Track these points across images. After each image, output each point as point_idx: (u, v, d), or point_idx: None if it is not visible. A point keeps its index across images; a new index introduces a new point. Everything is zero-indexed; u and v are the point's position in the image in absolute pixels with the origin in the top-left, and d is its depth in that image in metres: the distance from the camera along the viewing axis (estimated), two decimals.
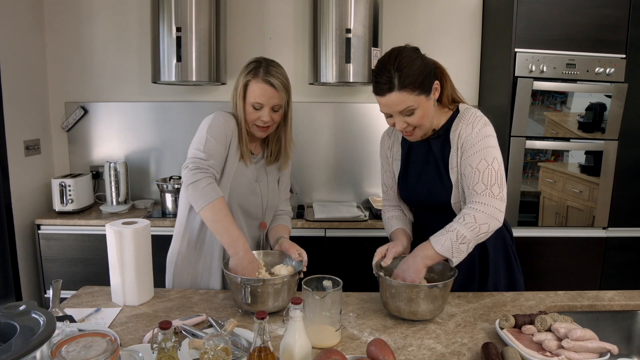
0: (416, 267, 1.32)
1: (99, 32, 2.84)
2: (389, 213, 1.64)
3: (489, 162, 1.37)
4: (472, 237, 1.33)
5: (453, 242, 1.31)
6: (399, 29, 2.86)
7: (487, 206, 1.34)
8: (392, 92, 1.34)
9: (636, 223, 2.59)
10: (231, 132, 1.53)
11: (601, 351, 1.11)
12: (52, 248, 2.51)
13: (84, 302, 1.44)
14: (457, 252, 1.32)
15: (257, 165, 1.64)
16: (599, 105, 2.47)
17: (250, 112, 1.52)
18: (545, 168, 2.51)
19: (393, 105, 1.36)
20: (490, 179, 1.36)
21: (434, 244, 1.32)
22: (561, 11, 2.39)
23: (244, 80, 1.51)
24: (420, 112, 1.38)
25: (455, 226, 1.33)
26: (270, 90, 1.49)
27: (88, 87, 2.88)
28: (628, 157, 2.52)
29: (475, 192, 1.36)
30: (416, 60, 1.36)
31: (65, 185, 2.58)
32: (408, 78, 1.33)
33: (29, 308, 0.87)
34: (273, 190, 1.68)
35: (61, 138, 2.90)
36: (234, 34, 2.84)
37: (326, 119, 2.93)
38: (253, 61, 1.54)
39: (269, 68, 1.51)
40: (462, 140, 1.42)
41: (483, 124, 1.41)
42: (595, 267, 2.60)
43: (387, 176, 1.65)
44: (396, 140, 1.61)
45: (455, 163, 1.45)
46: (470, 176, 1.39)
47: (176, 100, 2.89)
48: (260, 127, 1.54)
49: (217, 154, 1.49)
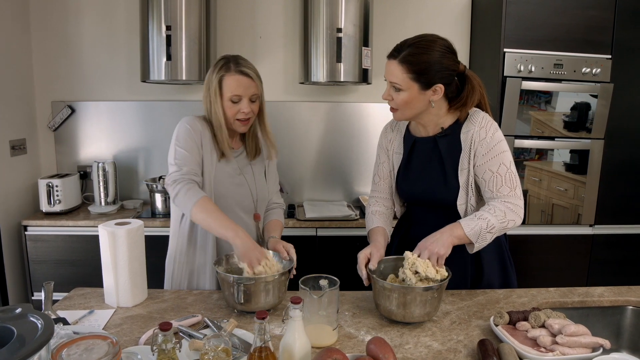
0: (444, 241, 1.33)
1: (86, 29, 2.79)
2: (374, 207, 1.64)
3: (507, 166, 1.44)
4: (499, 229, 1.39)
5: (482, 229, 1.35)
6: (389, 28, 2.87)
7: (516, 205, 1.42)
8: (393, 60, 1.40)
9: (622, 220, 2.64)
10: (199, 133, 1.54)
11: (594, 346, 1.13)
12: (39, 249, 2.47)
13: (76, 304, 1.42)
14: (482, 239, 1.37)
15: (239, 159, 1.64)
16: (584, 105, 2.51)
17: (229, 107, 1.52)
18: (530, 167, 2.55)
19: (389, 72, 1.42)
20: (512, 182, 1.44)
21: (465, 226, 1.35)
22: (549, 12, 2.42)
23: (218, 77, 1.52)
24: (406, 97, 1.41)
25: (486, 215, 1.37)
26: (246, 80, 1.51)
27: (75, 85, 2.84)
28: (614, 156, 2.57)
29: (501, 193, 1.43)
30: (435, 53, 1.38)
31: (52, 185, 2.54)
32: (412, 57, 1.38)
33: (25, 311, 0.85)
34: (260, 181, 1.68)
35: (48, 138, 2.85)
36: (224, 33, 2.82)
37: (317, 118, 2.93)
38: (220, 59, 1.55)
39: (239, 60, 1.53)
40: (476, 144, 1.45)
41: (495, 129, 1.46)
42: (582, 264, 2.65)
43: (383, 168, 1.64)
44: (399, 134, 1.62)
45: (466, 165, 1.47)
46: (492, 180, 1.44)
47: (165, 100, 2.86)
48: (242, 120, 1.54)
49: (190, 160, 1.51)
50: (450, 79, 1.43)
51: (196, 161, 1.53)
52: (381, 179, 1.65)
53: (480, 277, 1.57)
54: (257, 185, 1.65)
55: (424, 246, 1.35)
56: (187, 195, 1.44)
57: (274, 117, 2.90)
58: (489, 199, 1.45)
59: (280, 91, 2.92)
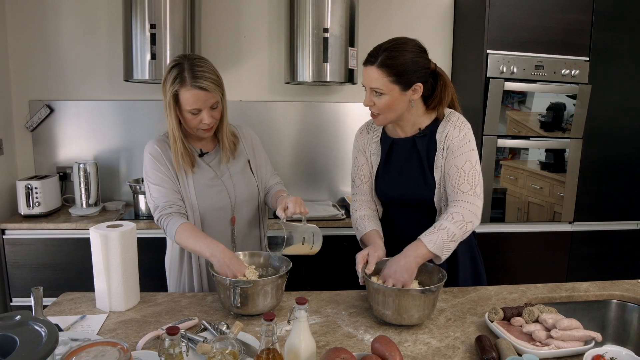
0: (408, 267, 1.31)
1: (65, 26, 2.71)
2: (360, 212, 1.61)
3: (472, 164, 1.46)
4: (460, 235, 1.38)
5: (444, 240, 1.35)
6: (374, 29, 2.89)
7: (473, 205, 1.42)
8: (371, 66, 1.41)
9: (600, 217, 2.73)
10: (161, 157, 1.53)
11: (586, 339, 1.17)
12: (17, 254, 2.39)
13: (67, 309, 1.39)
14: (447, 249, 1.36)
15: (215, 162, 1.60)
16: (559, 105, 2.59)
17: (189, 118, 1.46)
18: (506, 166, 2.60)
19: (368, 78, 1.43)
20: (474, 179, 1.45)
21: (427, 242, 1.34)
22: (530, 15, 2.49)
23: (172, 91, 1.42)
24: (388, 100, 1.43)
25: (445, 224, 1.37)
26: (204, 93, 1.42)
27: (54, 84, 2.75)
28: (592, 155, 2.65)
29: (461, 191, 1.43)
30: (409, 53, 1.41)
31: (31, 187, 2.46)
32: (390, 60, 1.39)
33: (25, 318, 0.83)
34: (239, 182, 1.62)
35: (25, 138, 2.76)
36: (209, 32, 2.79)
37: (302, 118, 2.93)
38: (174, 65, 1.43)
39: (195, 70, 1.41)
40: (449, 141, 1.48)
41: (468, 129, 1.50)
42: (562, 260, 2.73)
43: (363, 170, 1.63)
44: (375, 136, 1.62)
45: (440, 163, 1.50)
46: (455, 176, 1.45)
47: (148, 99, 2.81)
48: (205, 129, 1.49)
49: (164, 192, 1.51)
50: (426, 77, 1.47)
51: (171, 189, 1.52)
52: (363, 181, 1.63)
53: (456, 272, 1.58)
54: (235, 188, 1.60)
55: (388, 275, 1.33)
56: (168, 228, 1.47)
57: (259, 117, 2.90)
58: (450, 195, 1.46)
59: (265, 91, 2.90)
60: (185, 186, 1.54)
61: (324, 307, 1.42)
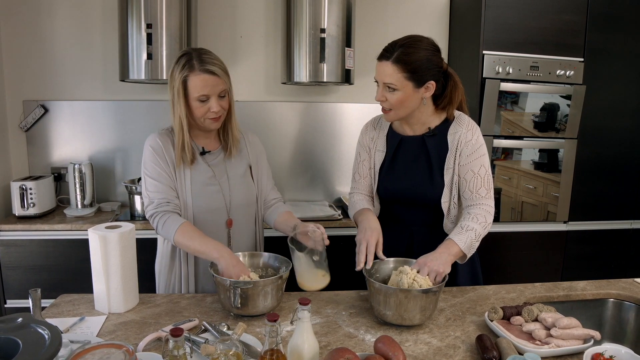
0: (444, 260, 1.33)
1: (60, 25, 2.69)
2: (357, 197, 1.65)
3: (486, 169, 1.52)
4: (482, 235, 1.45)
5: (472, 240, 1.41)
6: (370, 29, 2.89)
7: (490, 207, 1.50)
8: (386, 61, 1.43)
9: (595, 217, 2.76)
10: (162, 151, 1.51)
11: (585, 337, 1.18)
12: (12, 255, 2.37)
13: (65, 311, 1.37)
14: (473, 249, 1.43)
15: (215, 162, 1.59)
16: (553, 106, 2.60)
17: (197, 107, 1.46)
18: (500, 166, 2.62)
19: (382, 73, 1.45)
20: (489, 184, 1.52)
21: (459, 242, 1.39)
22: (525, 16, 2.50)
23: (181, 77, 1.43)
24: (401, 96, 1.44)
25: (473, 225, 1.42)
26: (213, 78, 1.44)
27: (48, 84, 2.73)
28: (586, 155, 2.68)
29: (479, 195, 1.50)
30: (424, 51, 1.44)
31: (26, 188, 2.43)
32: (405, 57, 1.41)
33: (26, 321, 0.82)
34: (236, 185, 1.60)
35: (19, 138, 2.74)
36: (205, 32, 2.77)
37: (298, 118, 2.93)
38: (182, 55, 1.47)
39: (202, 57, 1.44)
40: (462, 144, 1.51)
41: (480, 133, 1.54)
42: (557, 259, 2.75)
43: (364, 166, 1.65)
44: (382, 132, 1.63)
45: (451, 164, 1.52)
46: (472, 181, 1.50)
47: (145, 99, 2.79)
48: (213, 118, 1.49)
49: (161, 187, 1.50)
50: (439, 75, 1.49)
51: (168, 185, 1.51)
52: (362, 177, 1.66)
53: (454, 271, 1.59)
54: (232, 191, 1.59)
55: (424, 263, 1.33)
56: (165, 227, 1.45)
57: (255, 117, 2.89)
58: (467, 199, 1.51)
59: (262, 91, 2.90)
60: (182, 183, 1.53)
61: (324, 307, 1.42)
